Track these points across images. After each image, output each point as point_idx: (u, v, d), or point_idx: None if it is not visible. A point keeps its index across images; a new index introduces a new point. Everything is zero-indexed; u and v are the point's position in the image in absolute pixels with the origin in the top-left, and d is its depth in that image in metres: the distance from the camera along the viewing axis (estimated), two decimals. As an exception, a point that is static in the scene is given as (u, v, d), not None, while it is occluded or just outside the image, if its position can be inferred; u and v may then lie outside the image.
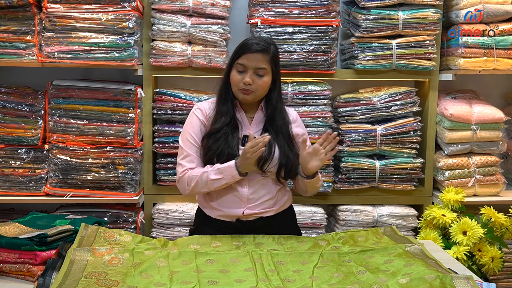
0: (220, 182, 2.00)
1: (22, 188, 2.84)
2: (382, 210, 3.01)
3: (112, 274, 1.59)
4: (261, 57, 2.01)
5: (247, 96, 2.03)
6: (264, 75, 2.02)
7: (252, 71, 2.00)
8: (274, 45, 2.08)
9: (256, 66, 2.00)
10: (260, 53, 2.01)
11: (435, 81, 3.01)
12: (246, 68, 2.01)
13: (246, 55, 2.01)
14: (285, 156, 2.03)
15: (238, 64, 2.02)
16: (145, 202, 3.00)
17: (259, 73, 2.01)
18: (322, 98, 2.94)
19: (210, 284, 1.56)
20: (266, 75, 2.03)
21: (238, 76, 2.02)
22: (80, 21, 2.72)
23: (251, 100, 2.05)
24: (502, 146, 3.03)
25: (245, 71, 2.01)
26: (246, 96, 2.03)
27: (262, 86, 2.03)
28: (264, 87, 2.04)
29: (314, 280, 1.61)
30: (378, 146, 2.96)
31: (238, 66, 2.02)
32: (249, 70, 2.00)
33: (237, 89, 2.03)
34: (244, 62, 2.01)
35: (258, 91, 2.03)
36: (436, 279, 1.52)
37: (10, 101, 2.85)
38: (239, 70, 2.02)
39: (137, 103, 2.82)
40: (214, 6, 2.83)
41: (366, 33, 2.89)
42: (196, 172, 2.03)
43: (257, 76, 2.01)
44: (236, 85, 2.03)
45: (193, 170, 2.05)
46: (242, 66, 2.01)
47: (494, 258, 2.65)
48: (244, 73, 2.01)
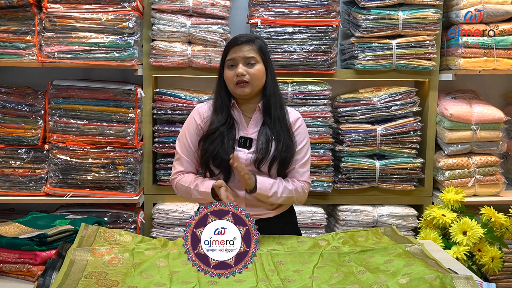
0: (202, 201, 2.05)
1: (22, 188, 2.84)
2: (382, 210, 3.01)
3: (112, 274, 1.59)
4: (247, 47, 2.01)
5: (244, 89, 2.00)
6: (255, 63, 2.00)
7: (242, 62, 1.99)
8: (260, 39, 2.08)
9: (245, 56, 1.99)
10: (245, 44, 2.01)
11: (435, 81, 3.02)
12: (236, 62, 2.00)
13: (233, 49, 2.01)
14: (280, 152, 2.02)
15: (228, 60, 2.02)
16: (145, 202, 3.00)
17: (249, 62, 2.00)
18: (322, 98, 2.94)
19: (210, 284, 1.56)
20: (257, 63, 2.01)
21: (230, 72, 2.01)
22: (80, 21, 2.72)
23: (249, 93, 2.02)
24: (502, 146, 3.03)
25: (236, 64, 2.00)
26: (244, 89, 2.00)
27: (255, 75, 2.00)
28: (258, 76, 2.01)
29: (314, 280, 1.61)
30: (378, 146, 2.96)
31: (228, 62, 2.02)
32: (239, 62, 1.99)
33: (233, 85, 2.01)
34: (232, 56, 2.00)
35: (254, 81, 2.00)
36: (436, 279, 1.52)
37: (10, 101, 2.85)
38: (229, 65, 2.02)
39: (137, 103, 2.82)
40: (214, 6, 2.83)
41: (366, 33, 2.89)
42: (184, 182, 2.05)
43: (249, 66, 2.00)
44: (231, 81, 2.01)
45: (183, 178, 2.06)
46: (231, 60, 2.01)
47: (494, 258, 2.65)
48: (235, 67, 2.00)
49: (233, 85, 2.01)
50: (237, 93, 2.03)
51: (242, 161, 2.00)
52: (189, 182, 2.04)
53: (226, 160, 1.96)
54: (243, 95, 2.03)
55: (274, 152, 2.01)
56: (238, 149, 2.02)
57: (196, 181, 2.02)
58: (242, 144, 2.03)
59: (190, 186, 2.03)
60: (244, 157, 2.01)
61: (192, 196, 2.03)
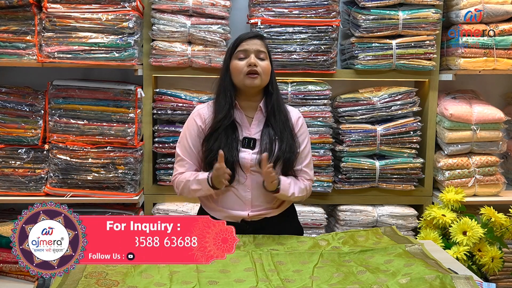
0: (200, 192, 2.02)
1: (22, 188, 2.84)
2: (382, 210, 3.01)
3: (112, 274, 1.60)
4: (259, 41, 2.04)
5: (254, 80, 2.00)
6: (265, 59, 2.03)
7: (254, 54, 2.01)
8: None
9: (257, 49, 2.02)
10: (257, 38, 2.05)
11: (435, 81, 3.02)
12: (248, 53, 2.01)
13: (246, 41, 2.03)
14: (284, 152, 2.02)
15: (239, 51, 2.02)
16: (145, 202, 3.00)
17: (260, 57, 2.02)
18: (322, 98, 2.94)
19: (210, 284, 1.56)
20: (266, 59, 2.03)
21: (241, 62, 2.01)
22: (80, 21, 2.72)
23: (258, 85, 2.02)
24: (502, 146, 3.03)
25: (247, 56, 2.01)
26: (254, 81, 2.00)
27: (266, 68, 2.02)
28: (267, 71, 2.03)
29: (314, 280, 1.61)
30: (378, 146, 2.96)
31: (239, 54, 2.02)
32: (251, 53, 2.01)
33: (243, 75, 2.00)
34: (245, 47, 2.02)
35: (264, 74, 2.01)
36: (436, 279, 1.52)
37: (10, 101, 2.85)
38: (240, 57, 2.02)
39: (137, 103, 2.82)
40: (214, 6, 2.83)
41: (366, 33, 2.89)
42: (183, 178, 2.05)
43: (259, 60, 2.01)
44: (241, 72, 2.00)
45: (182, 175, 2.07)
46: (243, 52, 2.02)
47: (494, 258, 2.65)
48: (246, 58, 2.01)
49: (243, 76, 2.00)
50: (247, 84, 2.01)
51: (247, 162, 2.01)
52: (188, 176, 2.04)
53: (231, 161, 1.97)
54: (253, 86, 2.02)
55: (278, 152, 2.02)
56: (242, 149, 2.02)
57: (196, 174, 2.04)
58: (246, 144, 2.03)
59: (190, 179, 2.03)
60: (249, 157, 2.01)
61: (191, 187, 2.02)
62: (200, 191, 2.02)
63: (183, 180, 2.05)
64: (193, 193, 2.04)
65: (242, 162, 2.01)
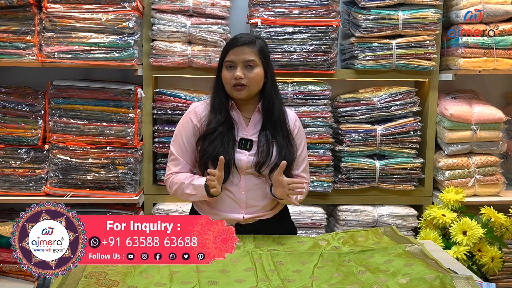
0: (194, 197, 2.00)
1: (22, 188, 2.84)
2: (382, 210, 3.01)
3: (112, 274, 1.60)
4: (248, 49, 1.96)
5: (241, 92, 1.96)
6: (254, 67, 1.96)
7: (241, 65, 1.95)
8: (261, 39, 2.03)
9: (244, 59, 1.95)
10: (246, 46, 1.96)
11: (435, 81, 3.02)
12: (235, 64, 1.95)
13: (233, 50, 1.96)
14: (282, 157, 2.00)
15: (227, 61, 1.97)
16: (145, 202, 3.00)
17: (249, 65, 1.95)
18: (322, 98, 2.94)
19: (210, 284, 1.56)
20: (256, 67, 1.96)
21: (228, 73, 1.96)
22: (80, 21, 2.72)
23: (246, 96, 1.99)
24: (502, 146, 3.03)
25: (235, 66, 1.96)
26: (240, 92, 1.96)
27: (254, 78, 1.96)
28: (256, 80, 1.97)
29: (314, 280, 1.61)
30: (378, 146, 2.96)
31: (227, 63, 1.97)
32: (238, 64, 1.95)
33: (230, 86, 1.97)
34: (232, 57, 1.96)
35: (251, 84, 1.96)
36: (436, 279, 1.52)
37: (10, 101, 2.85)
38: (228, 66, 1.97)
39: (137, 103, 2.82)
40: (214, 6, 2.83)
41: (366, 33, 2.89)
42: (177, 180, 2.02)
43: (248, 69, 1.95)
44: (228, 83, 1.97)
45: (177, 176, 2.03)
46: (230, 62, 1.96)
47: (494, 258, 2.65)
48: (234, 68, 1.96)
49: (230, 87, 1.98)
50: (234, 96, 2.00)
51: (243, 163, 1.99)
52: (183, 179, 2.01)
53: (227, 161, 1.95)
54: (240, 98, 2.00)
55: (275, 156, 1.99)
56: (239, 150, 2.00)
57: (192, 177, 2.01)
58: (242, 145, 2.00)
59: (184, 182, 1.99)
60: (245, 159, 1.99)
61: (185, 190, 1.99)
62: (194, 197, 1.99)
63: (178, 182, 2.01)
64: (186, 196, 2.01)
65: (238, 163, 1.98)
